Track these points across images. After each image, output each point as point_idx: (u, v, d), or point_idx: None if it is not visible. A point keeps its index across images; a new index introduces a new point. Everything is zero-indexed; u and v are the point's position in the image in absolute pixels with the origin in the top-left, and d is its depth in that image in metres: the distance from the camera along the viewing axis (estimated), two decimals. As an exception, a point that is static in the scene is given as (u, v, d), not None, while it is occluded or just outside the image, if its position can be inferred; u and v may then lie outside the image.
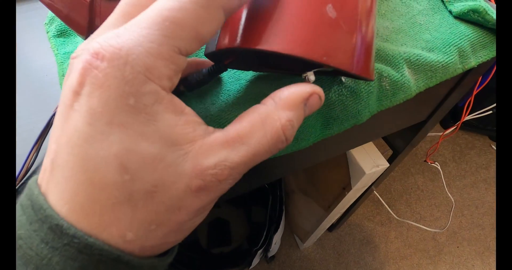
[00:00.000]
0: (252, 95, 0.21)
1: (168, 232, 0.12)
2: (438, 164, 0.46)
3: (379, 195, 0.75)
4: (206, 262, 0.82)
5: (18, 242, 0.11)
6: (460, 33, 0.24)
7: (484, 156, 1.10)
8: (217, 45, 0.16)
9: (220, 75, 0.22)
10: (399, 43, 0.24)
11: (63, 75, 0.24)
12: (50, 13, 0.28)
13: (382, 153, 0.48)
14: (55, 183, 0.11)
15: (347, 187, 0.52)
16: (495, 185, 1.02)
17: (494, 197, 1.00)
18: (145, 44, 0.11)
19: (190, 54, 0.12)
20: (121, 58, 0.10)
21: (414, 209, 0.97)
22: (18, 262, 0.10)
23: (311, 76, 0.14)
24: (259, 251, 0.80)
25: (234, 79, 0.22)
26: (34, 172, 0.23)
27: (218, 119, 0.20)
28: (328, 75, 0.21)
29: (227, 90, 0.21)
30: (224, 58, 0.18)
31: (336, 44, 0.15)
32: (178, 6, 0.11)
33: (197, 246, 0.86)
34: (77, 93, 0.11)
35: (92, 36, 0.13)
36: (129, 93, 0.11)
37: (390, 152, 0.49)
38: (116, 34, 0.11)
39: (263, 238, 0.80)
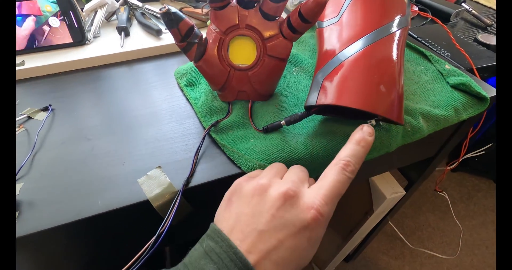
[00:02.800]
0: (322, 130, 0.33)
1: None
2: (445, 193, 0.56)
3: (394, 226, 0.83)
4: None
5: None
6: (455, 97, 0.37)
7: (491, 199, 1.17)
8: (316, 102, 0.28)
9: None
10: (415, 102, 0.36)
11: (199, 111, 0.36)
12: (180, 69, 0.42)
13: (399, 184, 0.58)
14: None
15: (369, 212, 0.61)
16: (503, 227, 1.08)
17: (503, 238, 1.05)
18: (331, 210, 0.23)
19: None
20: (326, 215, 0.22)
21: (426, 245, 1.03)
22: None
23: (373, 121, 0.27)
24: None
25: (310, 119, 0.34)
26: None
27: (301, 143, 0.31)
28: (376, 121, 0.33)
29: (307, 126, 0.34)
30: (312, 108, 0.31)
31: (384, 104, 0.27)
32: (345, 180, 0.23)
33: None
34: (307, 226, 0.21)
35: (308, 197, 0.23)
36: (326, 226, 0.23)
37: (405, 183, 0.60)
38: (325, 203, 0.22)
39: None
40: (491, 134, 0.93)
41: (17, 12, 0.44)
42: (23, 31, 0.44)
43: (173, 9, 0.29)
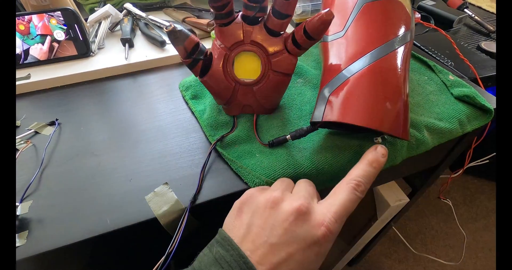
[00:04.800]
0: (327, 144, 0.33)
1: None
2: (449, 201, 0.56)
3: (397, 230, 0.83)
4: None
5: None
6: (459, 109, 0.37)
7: (493, 201, 1.17)
8: (323, 118, 0.29)
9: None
10: (419, 114, 0.37)
11: (204, 125, 0.36)
12: (184, 82, 0.43)
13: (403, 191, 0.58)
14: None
15: (373, 218, 0.61)
16: (506, 230, 1.08)
17: (506, 241, 1.05)
18: (340, 227, 0.23)
19: None
20: (335, 232, 0.23)
21: (429, 248, 1.03)
22: None
23: (380, 139, 0.27)
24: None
25: (316, 133, 0.34)
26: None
27: (306, 158, 0.32)
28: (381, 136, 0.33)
29: (312, 140, 0.34)
30: (317, 123, 0.31)
31: (391, 121, 0.27)
32: (354, 200, 0.24)
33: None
34: (316, 242, 0.22)
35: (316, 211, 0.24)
36: (333, 241, 0.23)
37: (409, 190, 0.60)
38: (335, 221, 0.23)
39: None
40: (493, 139, 0.93)
41: (37, 33, 0.45)
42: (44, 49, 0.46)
43: (179, 27, 0.29)
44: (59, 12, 0.45)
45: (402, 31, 0.32)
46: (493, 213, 1.13)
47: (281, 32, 0.32)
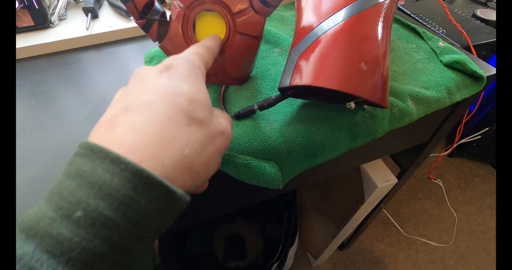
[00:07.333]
0: (300, 116, 0.30)
1: (204, 161, 0.17)
2: (440, 181, 0.53)
3: (388, 214, 0.81)
4: (223, 275, 0.86)
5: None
6: (448, 77, 0.33)
7: (488, 183, 1.15)
8: (290, 83, 0.25)
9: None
10: (404, 82, 0.33)
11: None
12: (149, 53, 0.39)
13: (392, 172, 0.56)
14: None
15: (360, 201, 0.59)
16: (500, 212, 1.06)
17: (500, 223, 1.03)
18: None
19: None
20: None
21: (421, 232, 1.02)
22: (84, 188, 0.14)
23: (352, 104, 0.23)
24: (275, 265, 0.84)
25: (288, 104, 0.31)
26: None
27: (276, 130, 0.28)
28: (357, 104, 0.30)
29: (284, 112, 0.30)
30: (287, 90, 0.28)
31: (366, 85, 0.24)
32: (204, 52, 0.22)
33: (214, 260, 0.91)
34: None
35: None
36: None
37: (398, 171, 0.57)
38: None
39: (278, 252, 0.85)
40: (490, 118, 0.90)
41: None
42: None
43: (126, -20, 0.26)
44: (10, -24, 0.40)
45: (384, -15, 0.28)
46: (487, 196, 1.12)
47: (246, -12, 0.28)
